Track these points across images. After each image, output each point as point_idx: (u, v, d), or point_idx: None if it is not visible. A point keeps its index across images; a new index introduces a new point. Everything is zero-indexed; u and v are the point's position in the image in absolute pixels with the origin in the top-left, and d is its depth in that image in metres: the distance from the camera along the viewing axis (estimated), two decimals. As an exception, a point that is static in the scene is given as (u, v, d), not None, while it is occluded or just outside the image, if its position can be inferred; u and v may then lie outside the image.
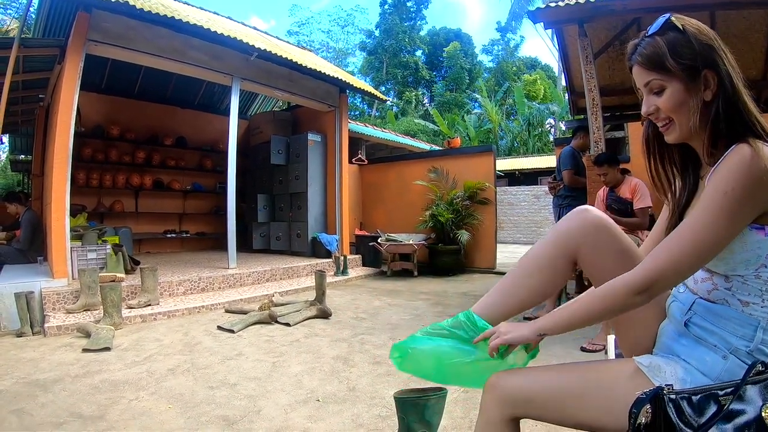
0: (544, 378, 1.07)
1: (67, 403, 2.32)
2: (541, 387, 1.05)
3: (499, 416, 1.07)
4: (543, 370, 1.10)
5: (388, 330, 3.89)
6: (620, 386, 0.97)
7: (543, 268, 1.16)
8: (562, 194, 4.95)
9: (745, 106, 0.95)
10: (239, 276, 5.71)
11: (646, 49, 1.01)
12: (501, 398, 1.07)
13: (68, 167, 4.70)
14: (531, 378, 1.08)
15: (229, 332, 3.74)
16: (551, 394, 1.03)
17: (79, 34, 4.87)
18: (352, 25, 40.28)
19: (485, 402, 1.11)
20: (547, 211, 14.41)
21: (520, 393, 1.06)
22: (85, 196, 7.84)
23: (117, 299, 3.87)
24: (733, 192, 0.86)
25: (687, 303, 1.02)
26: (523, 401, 1.06)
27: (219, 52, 6.18)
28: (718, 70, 0.95)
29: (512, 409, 1.06)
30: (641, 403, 0.82)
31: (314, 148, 7.99)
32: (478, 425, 1.12)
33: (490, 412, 1.09)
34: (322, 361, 3.05)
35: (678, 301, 1.07)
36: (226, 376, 2.74)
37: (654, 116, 1.04)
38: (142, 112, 8.98)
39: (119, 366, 2.91)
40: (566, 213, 4.01)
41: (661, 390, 0.82)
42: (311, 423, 2.12)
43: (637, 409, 0.82)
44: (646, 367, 0.97)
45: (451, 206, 7.60)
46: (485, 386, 1.13)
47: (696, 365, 0.95)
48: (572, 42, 5.57)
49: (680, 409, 0.80)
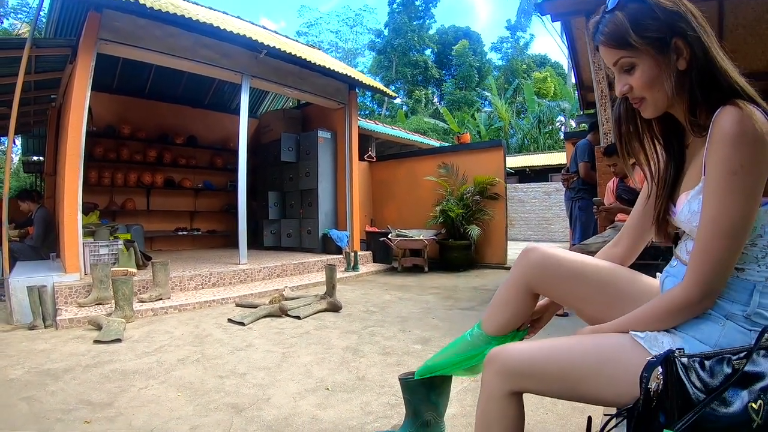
0: (545, 351, 1.03)
1: (77, 391, 2.33)
2: (543, 360, 1.02)
3: (501, 390, 1.05)
4: (544, 343, 1.07)
5: (398, 322, 3.86)
6: (622, 358, 0.93)
7: (510, 302, 1.29)
8: (575, 187, 4.89)
9: (721, 69, 0.90)
10: (250, 271, 5.72)
11: (607, 26, 0.97)
12: (501, 372, 1.05)
13: (80, 164, 4.74)
14: (532, 351, 1.05)
15: (240, 325, 3.74)
16: (552, 367, 1.00)
17: (90, 34, 4.91)
18: (360, 25, 40.29)
19: (486, 376, 1.09)
20: (558, 207, 14.28)
21: (521, 366, 1.03)
22: (97, 194, 7.94)
23: (129, 292, 3.89)
24: (743, 169, 0.83)
25: (681, 275, 0.99)
26: (523, 374, 1.03)
27: (228, 50, 6.20)
28: (687, 37, 0.91)
29: (513, 383, 1.04)
30: (652, 367, 0.78)
31: (324, 145, 7.99)
32: (480, 401, 1.10)
33: (491, 387, 1.06)
34: (332, 351, 3.04)
35: (671, 275, 1.06)
36: (236, 366, 2.74)
37: (630, 95, 1.01)
38: (153, 112, 9.06)
39: (130, 356, 2.92)
40: (578, 207, 3.98)
41: (672, 353, 0.78)
42: (320, 410, 2.10)
43: (647, 373, 0.79)
44: (642, 338, 0.94)
45: (461, 201, 7.56)
46: (485, 360, 1.11)
47: (693, 334, 0.92)
48: (580, 36, 5.50)
49: (692, 373, 0.77)
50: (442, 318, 4.05)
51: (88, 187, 7.52)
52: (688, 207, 0.97)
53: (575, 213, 4.95)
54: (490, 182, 7.58)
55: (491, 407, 1.07)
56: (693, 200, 0.96)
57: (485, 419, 1.08)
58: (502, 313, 1.30)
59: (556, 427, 1.90)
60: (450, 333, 3.49)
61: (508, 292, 1.29)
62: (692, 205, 0.96)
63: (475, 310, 4.40)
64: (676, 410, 0.75)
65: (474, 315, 4.16)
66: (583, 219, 4.83)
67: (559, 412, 2.02)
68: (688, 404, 0.75)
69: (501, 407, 1.06)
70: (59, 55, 5.67)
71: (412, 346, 3.17)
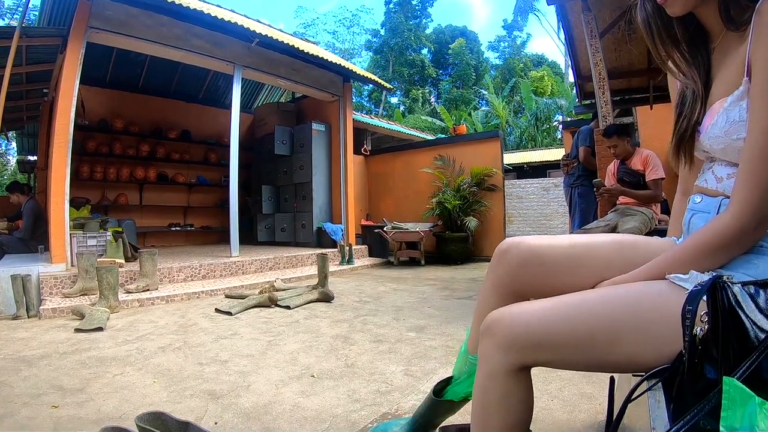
0: (560, 311, 0.84)
1: (50, 377, 2.21)
2: (559, 323, 0.82)
3: (504, 365, 0.85)
4: (557, 301, 0.87)
5: (392, 312, 3.74)
6: (662, 309, 0.76)
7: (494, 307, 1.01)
8: (575, 174, 4.79)
9: None
10: (241, 264, 5.59)
11: None
12: (505, 342, 0.85)
13: (68, 152, 4.65)
14: (543, 313, 0.84)
15: (227, 314, 3.62)
16: (573, 331, 0.80)
17: (81, 22, 4.84)
18: (357, 25, 40.12)
19: (485, 348, 0.89)
20: (557, 203, 14.15)
21: (530, 333, 0.83)
22: (89, 189, 7.81)
23: (114, 281, 3.76)
24: None
25: (712, 208, 0.86)
26: (534, 344, 0.83)
27: (220, 39, 6.11)
28: None
29: (521, 356, 0.84)
30: (697, 297, 0.64)
31: (318, 138, 7.88)
32: (478, 378, 0.90)
33: (491, 362, 0.87)
34: (321, 339, 2.91)
35: (700, 211, 0.91)
36: (218, 353, 2.61)
37: None
38: (146, 106, 8.94)
39: (109, 344, 2.80)
40: (578, 194, 3.87)
41: (720, 278, 0.64)
42: (303, 398, 1.97)
43: (692, 305, 0.64)
44: (685, 280, 0.77)
45: (458, 193, 7.45)
46: (482, 329, 0.91)
47: (744, 271, 0.77)
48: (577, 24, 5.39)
49: (748, 303, 0.62)
50: (438, 307, 3.93)
51: (80, 181, 7.45)
52: (725, 117, 0.81)
53: (575, 199, 4.85)
54: (488, 173, 7.47)
55: (492, 386, 0.87)
56: (732, 108, 0.80)
57: (484, 401, 0.89)
58: None
59: (563, 414, 1.76)
60: (446, 321, 3.38)
61: (488, 304, 1.06)
62: (731, 113, 0.80)
63: (472, 299, 4.29)
64: (731, 354, 0.60)
65: (470, 304, 4.04)
66: (583, 206, 4.73)
67: (565, 398, 1.89)
68: (746, 345, 0.60)
69: (504, 386, 0.86)
70: (50, 45, 5.56)
71: (405, 333, 3.05)
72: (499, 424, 0.87)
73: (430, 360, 2.47)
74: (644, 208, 3.71)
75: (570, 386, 1.99)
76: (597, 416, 1.71)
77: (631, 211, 3.73)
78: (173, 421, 1.34)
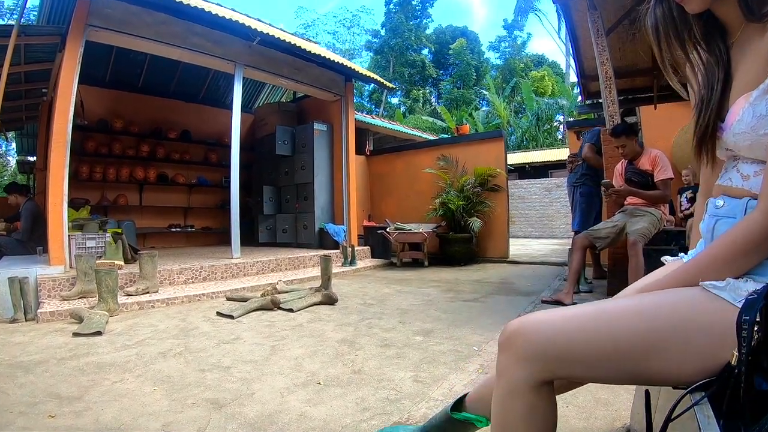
0: (587, 321, 0.77)
1: (47, 384, 2.13)
2: (586, 334, 0.75)
3: (526, 381, 0.79)
4: (581, 310, 0.80)
5: (397, 315, 3.66)
6: (698, 318, 0.70)
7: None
8: (578, 172, 4.73)
9: None
10: (242, 265, 5.51)
11: None
12: (525, 356, 0.79)
13: (66, 151, 4.58)
14: (566, 323, 0.78)
15: (228, 318, 3.54)
16: (602, 343, 0.74)
17: (79, 20, 4.77)
18: (357, 26, 40.03)
19: (504, 363, 0.83)
20: (559, 203, 14.09)
21: (553, 346, 0.77)
22: (89, 190, 7.72)
23: (113, 284, 3.68)
24: None
25: (738, 211, 0.80)
26: (558, 357, 0.77)
27: (221, 38, 6.04)
28: None
29: (544, 370, 0.79)
30: (754, 305, 0.59)
31: (320, 138, 7.80)
32: (497, 396, 0.84)
33: (512, 378, 0.81)
34: (326, 344, 2.83)
35: (724, 217, 0.85)
36: (220, 359, 2.53)
37: None
38: (146, 106, 8.85)
39: (108, 349, 2.72)
40: (580, 194, 3.82)
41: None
42: (310, 407, 1.89)
43: (749, 315, 0.59)
44: (721, 288, 0.72)
45: (461, 193, 7.37)
46: (500, 341, 0.85)
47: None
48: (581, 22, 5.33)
49: None
50: (445, 310, 3.85)
51: (79, 182, 7.38)
52: (752, 112, 0.77)
53: (576, 198, 4.79)
54: (491, 173, 7.39)
55: (513, 403, 0.81)
56: (758, 102, 0.76)
57: (505, 419, 0.83)
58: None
59: (579, 421, 1.69)
60: (454, 324, 3.31)
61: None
62: (757, 108, 0.76)
63: (478, 302, 4.21)
64: None
65: (478, 307, 3.97)
66: (584, 206, 4.67)
67: (580, 404, 1.82)
68: None
69: (527, 402, 0.80)
70: (48, 43, 5.49)
71: (413, 337, 2.97)
72: None
73: (440, 365, 2.40)
74: (653, 209, 3.63)
75: (584, 392, 1.91)
76: (614, 423, 1.64)
77: (640, 212, 3.66)
78: None
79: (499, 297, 4.46)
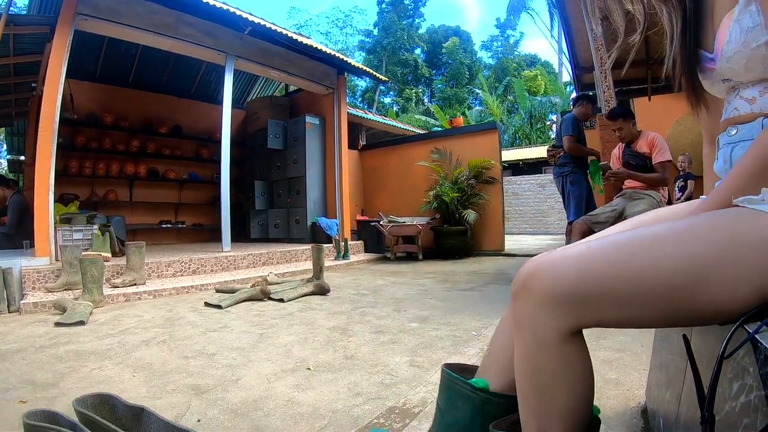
0: (620, 252, 0.66)
1: (22, 372, 2.02)
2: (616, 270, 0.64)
3: (555, 330, 0.67)
4: (605, 243, 0.69)
5: (392, 303, 3.57)
6: (741, 239, 0.60)
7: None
8: (562, 162, 4.66)
9: None
10: (233, 258, 5.40)
11: None
12: (548, 302, 0.66)
13: (54, 140, 4.49)
14: (591, 260, 0.66)
15: (217, 308, 3.43)
16: (641, 278, 0.63)
17: (69, 8, 4.69)
18: (350, 26, 39.97)
19: (522, 313, 0.70)
20: (553, 199, 14.05)
21: (578, 287, 0.65)
22: (78, 185, 7.59)
23: (98, 274, 3.56)
24: None
25: (755, 131, 0.73)
26: (585, 298, 0.65)
27: (212, 28, 5.96)
28: None
29: (572, 315, 0.66)
30: None
31: (312, 131, 7.70)
32: (520, 354, 0.72)
33: (539, 327, 0.68)
34: (317, 332, 2.73)
35: (740, 141, 0.77)
36: (205, 346, 2.43)
37: None
38: (137, 101, 8.70)
39: (90, 338, 2.61)
40: (570, 182, 3.73)
41: None
42: (298, 392, 1.79)
43: None
44: (759, 201, 0.63)
45: (455, 185, 7.29)
46: (515, 287, 0.72)
47: None
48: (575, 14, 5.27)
49: None
50: (441, 298, 3.76)
51: (68, 177, 7.27)
52: (738, 28, 0.71)
53: (567, 188, 4.71)
54: (486, 165, 7.33)
55: (544, 359, 0.68)
56: (742, 16, 0.70)
57: (536, 379, 0.69)
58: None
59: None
60: (451, 311, 3.22)
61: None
62: (743, 22, 0.70)
63: (475, 291, 4.13)
64: None
65: (475, 295, 3.89)
66: (576, 193, 4.60)
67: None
68: None
69: (560, 356, 0.67)
70: (38, 33, 5.38)
71: (408, 324, 2.88)
72: (562, 405, 0.69)
73: (437, 350, 2.30)
74: (652, 192, 3.57)
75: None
76: (628, 402, 1.55)
77: (639, 195, 3.60)
78: (123, 406, 1.11)
79: (496, 286, 4.38)
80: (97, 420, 0.96)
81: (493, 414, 0.89)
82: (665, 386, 1.18)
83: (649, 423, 1.37)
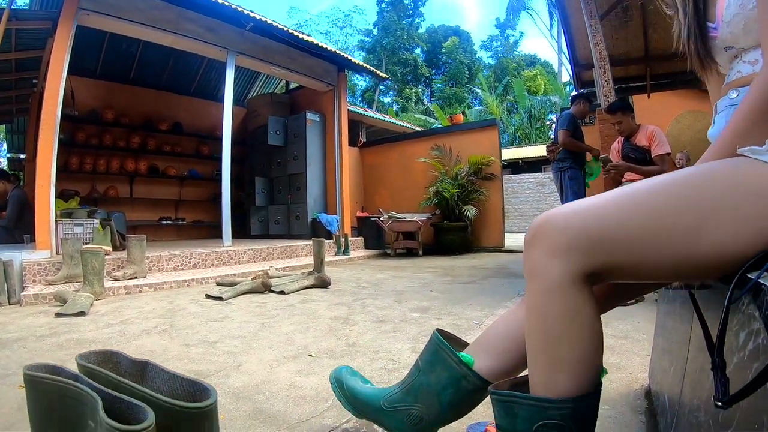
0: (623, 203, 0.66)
1: (23, 359, 2.02)
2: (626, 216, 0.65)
3: (563, 274, 0.67)
4: (615, 194, 0.69)
5: (393, 295, 3.57)
6: (743, 187, 0.61)
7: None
8: (561, 158, 4.67)
9: None
10: (234, 253, 5.40)
11: None
12: (560, 247, 0.67)
13: (55, 135, 4.50)
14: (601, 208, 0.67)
15: (218, 299, 3.44)
16: (646, 223, 0.64)
17: (71, 3, 4.71)
18: (350, 26, 39.93)
19: (534, 261, 0.70)
20: (553, 198, 14.06)
21: (589, 232, 0.66)
22: (79, 181, 7.59)
23: (99, 266, 3.56)
24: None
25: None
26: (595, 243, 0.66)
27: (213, 24, 5.97)
28: None
29: (582, 260, 0.66)
30: None
31: (313, 128, 7.70)
32: (531, 297, 0.71)
33: (548, 273, 0.68)
34: (319, 321, 2.73)
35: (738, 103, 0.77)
36: (207, 335, 2.43)
37: None
38: (138, 98, 8.71)
39: (90, 328, 2.61)
40: (568, 177, 3.72)
41: None
42: (300, 377, 1.79)
43: None
44: (763, 152, 0.62)
45: (455, 181, 7.30)
46: (528, 237, 0.72)
47: None
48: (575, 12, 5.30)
49: None
50: (441, 291, 3.76)
51: (69, 173, 7.27)
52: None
53: (565, 183, 4.71)
54: (485, 162, 7.34)
55: (553, 304, 0.68)
56: None
57: (546, 326, 0.69)
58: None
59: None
60: (452, 302, 3.23)
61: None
62: None
63: (476, 283, 4.13)
64: None
65: (475, 288, 3.89)
66: (575, 188, 4.59)
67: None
68: None
69: (570, 301, 0.67)
70: (40, 29, 5.39)
71: (409, 314, 2.88)
72: (570, 356, 0.69)
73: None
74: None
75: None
76: (631, 385, 1.56)
77: (639, 188, 3.59)
78: (127, 361, 1.10)
79: (496, 279, 4.39)
80: (100, 372, 0.95)
81: (464, 390, 0.93)
82: (668, 368, 1.19)
83: (653, 403, 1.37)
